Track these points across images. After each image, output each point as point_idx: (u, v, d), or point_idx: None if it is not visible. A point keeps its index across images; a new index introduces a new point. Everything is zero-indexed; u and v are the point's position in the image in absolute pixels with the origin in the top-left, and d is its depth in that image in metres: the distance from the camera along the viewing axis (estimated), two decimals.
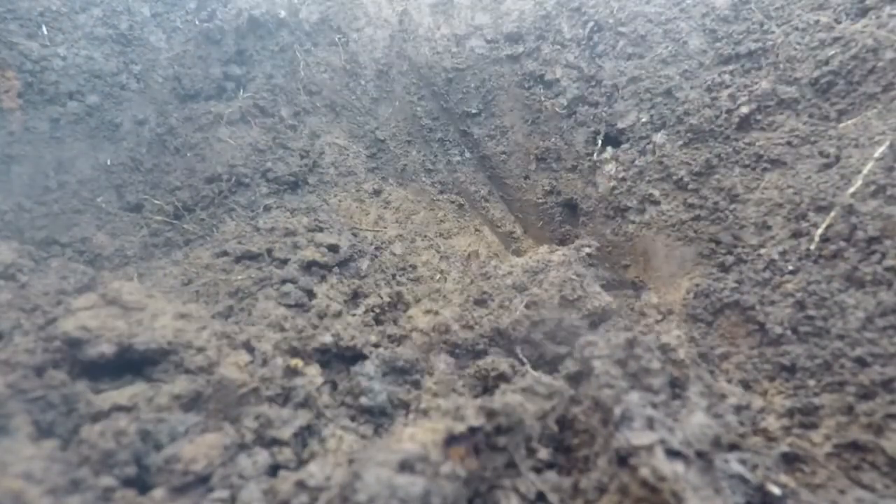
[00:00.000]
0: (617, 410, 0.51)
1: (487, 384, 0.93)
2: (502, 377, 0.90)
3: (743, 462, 0.67)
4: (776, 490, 0.67)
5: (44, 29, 1.53)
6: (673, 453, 0.48)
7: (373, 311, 1.25)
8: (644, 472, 0.46)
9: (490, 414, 0.52)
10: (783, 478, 0.77)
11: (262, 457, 0.73)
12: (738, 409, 0.94)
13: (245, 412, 0.81)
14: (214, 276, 1.34)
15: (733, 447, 0.56)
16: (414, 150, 1.84)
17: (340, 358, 1.04)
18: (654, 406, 0.53)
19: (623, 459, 0.49)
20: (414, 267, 1.53)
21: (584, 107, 1.59)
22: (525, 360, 0.98)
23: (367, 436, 0.84)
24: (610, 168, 1.52)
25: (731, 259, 1.18)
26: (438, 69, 1.79)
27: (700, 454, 0.50)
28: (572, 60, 1.61)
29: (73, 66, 1.55)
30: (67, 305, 0.96)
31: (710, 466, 0.49)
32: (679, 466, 0.47)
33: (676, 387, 0.60)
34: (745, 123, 1.26)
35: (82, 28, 1.59)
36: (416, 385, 0.95)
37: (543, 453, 0.53)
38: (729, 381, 1.03)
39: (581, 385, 0.61)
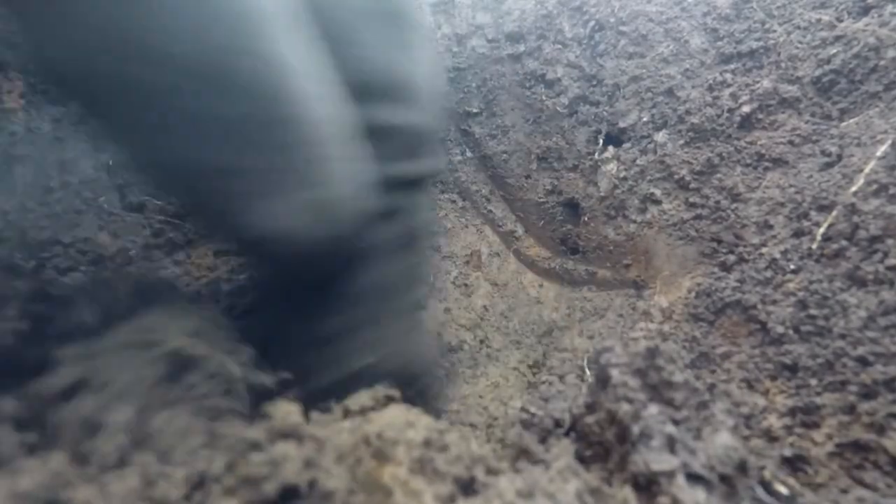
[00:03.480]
0: (635, 429, 0.49)
1: None
2: None
3: (766, 487, 0.66)
4: (784, 490, 0.67)
5: None
6: (694, 477, 0.46)
7: None
8: (663, 501, 0.44)
9: None
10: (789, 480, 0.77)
11: None
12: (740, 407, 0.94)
13: None
14: (217, 275, 1.34)
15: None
16: None
17: None
18: (676, 423, 0.50)
19: (640, 485, 0.47)
20: None
21: (586, 106, 1.59)
22: None
23: None
24: (611, 167, 1.51)
25: (732, 258, 1.18)
26: (439, 69, 1.79)
27: (723, 478, 0.47)
28: (573, 60, 1.61)
29: None
30: None
31: (734, 492, 0.47)
32: (701, 494, 0.45)
33: (701, 403, 0.56)
34: (746, 122, 1.25)
35: None
36: None
37: None
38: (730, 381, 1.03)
39: (597, 393, 0.58)
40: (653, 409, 0.51)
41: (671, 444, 0.48)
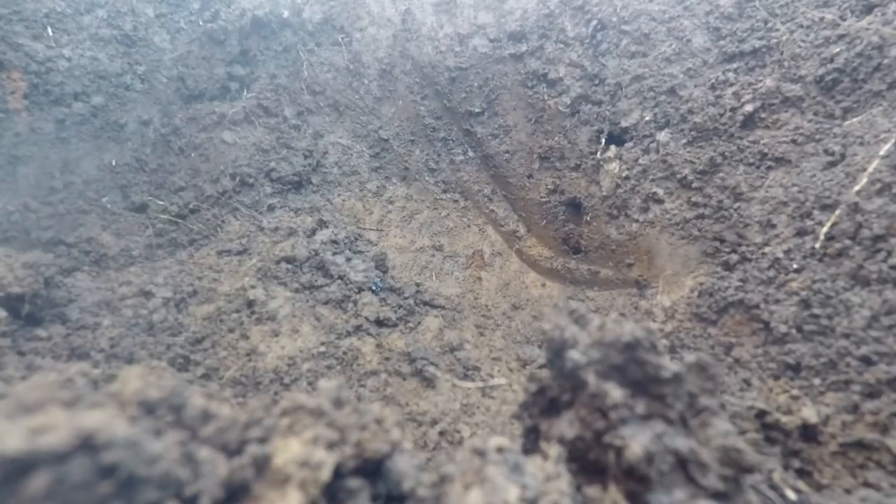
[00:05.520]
0: (633, 452, 0.45)
1: None
2: None
3: (773, 487, 0.65)
4: (792, 495, 0.67)
5: (49, 30, 1.54)
6: (698, 487, 0.44)
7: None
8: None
9: None
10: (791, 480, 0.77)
11: None
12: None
13: None
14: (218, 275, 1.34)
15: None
16: (417, 149, 1.84)
17: None
18: (674, 433, 0.46)
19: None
20: (419, 267, 1.53)
21: (588, 105, 1.58)
22: None
23: None
24: (613, 167, 1.51)
25: (735, 257, 1.18)
26: (441, 68, 1.79)
27: (726, 479, 0.46)
28: (575, 59, 1.61)
29: (78, 67, 1.56)
30: None
31: (737, 489, 0.45)
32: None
33: (692, 403, 0.50)
34: (749, 121, 1.25)
35: (87, 29, 1.60)
36: None
37: None
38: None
39: (574, 399, 0.51)
40: (647, 431, 0.46)
41: (676, 467, 0.44)
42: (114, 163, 1.55)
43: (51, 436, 0.34)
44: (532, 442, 0.57)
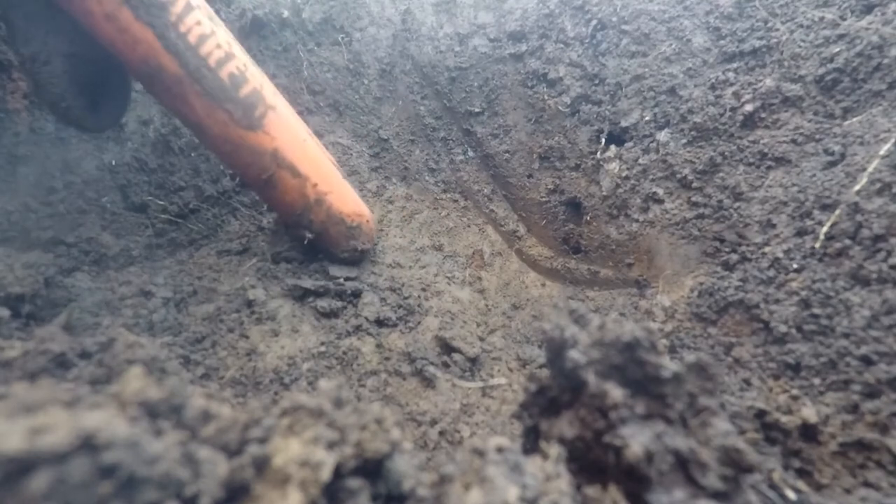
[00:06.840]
0: (633, 452, 0.45)
1: None
2: None
3: (772, 486, 0.65)
4: (792, 495, 0.67)
5: None
6: (698, 487, 0.45)
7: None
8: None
9: None
10: (794, 482, 0.77)
11: None
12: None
13: None
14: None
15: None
16: (417, 149, 1.84)
17: None
18: (674, 433, 0.46)
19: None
20: (418, 267, 1.53)
21: (588, 105, 1.58)
22: None
23: None
24: (613, 166, 1.51)
25: (735, 257, 1.18)
26: (441, 68, 1.79)
27: (725, 479, 0.46)
28: (575, 59, 1.61)
29: None
30: None
31: (737, 489, 0.46)
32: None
33: (693, 403, 0.51)
34: (749, 121, 1.25)
35: None
36: None
37: None
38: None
39: (574, 399, 0.51)
40: (647, 432, 0.46)
41: (677, 466, 0.45)
42: (114, 163, 1.55)
43: (51, 436, 0.35)
44: (532, 442, 0.57)
